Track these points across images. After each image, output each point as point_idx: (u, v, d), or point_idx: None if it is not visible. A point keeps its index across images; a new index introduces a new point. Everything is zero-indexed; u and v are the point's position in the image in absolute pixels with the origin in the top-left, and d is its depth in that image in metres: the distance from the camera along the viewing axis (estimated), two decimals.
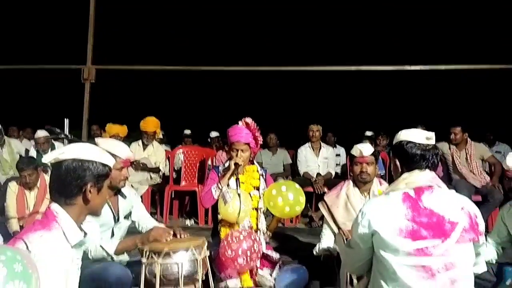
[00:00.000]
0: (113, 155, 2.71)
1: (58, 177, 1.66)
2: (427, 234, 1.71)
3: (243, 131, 3.29)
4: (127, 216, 2.98)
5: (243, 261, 2.80)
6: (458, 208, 1.79)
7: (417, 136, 1.93)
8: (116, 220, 2.89)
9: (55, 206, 1.65)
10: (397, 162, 1.96)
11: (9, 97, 8.80)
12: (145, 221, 3.03)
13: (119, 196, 2.94)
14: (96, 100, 6.17)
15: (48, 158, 1.71)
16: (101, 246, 2.59)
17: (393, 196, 1.82)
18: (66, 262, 1.58)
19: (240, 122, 3.35)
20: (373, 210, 1.79)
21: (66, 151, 1.69)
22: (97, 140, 2.96)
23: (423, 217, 1.74)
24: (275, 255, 3.12)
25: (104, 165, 1.72)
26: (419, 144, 1.90)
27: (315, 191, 5.33)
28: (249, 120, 3.31)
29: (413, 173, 1.87)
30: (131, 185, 4.39)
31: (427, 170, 1.88)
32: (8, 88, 8.36)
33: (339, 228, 3.11)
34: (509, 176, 2.94)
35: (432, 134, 1.94)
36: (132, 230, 3.03)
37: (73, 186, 1.65)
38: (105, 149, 2.68)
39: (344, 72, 6.38)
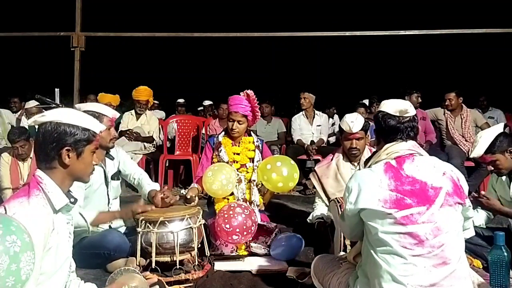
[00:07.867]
0: (100, 115, 2.71)
1: (37, 141, 1.64)
2: (412, 202, 1.71)
3: (243, 102, 3.26)
4: (114, 177, 2.98)
5: (238, 238, 2.83)
6: (440, 173, 1.79)
7: (393, 107, 1.89)
8: (106, 182, 2.90)
9: (40, 172, 1.63)
10: (376, 133, 1.96)
11: None
12: (138, 176, 3.07)
13: (106, 158, 2.94)
14: (87, 68, 6.05)
15: (30, 121, 1.70)
16: (80, 213, 2.56)
17: (375, 169, 1.82)
18: (47, 227, 1.55)
19: (241, 93, 3.32)
20: (358, 186, 1.79)
21: (46, 114, 1.65)
22: (78, 105, 2.94)
23: (406, 185, 1.74)
24: (271, 225, 3.15)
25: (86, 130, 1.66)
26: (394, 116, 1.87)
27: (309, 158, 5.35)
28: (250, 92, 3.28)
29: (393, 144, 1.86)
30: None
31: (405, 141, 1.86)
32: None
33: (328, 198, 3.14)
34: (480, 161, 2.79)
35: (407, 107, 1.89)
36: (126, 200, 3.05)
37: (49, 149, 1.62)
38: (91, 110, 2.68)
39: (340, 38, 6.27)
